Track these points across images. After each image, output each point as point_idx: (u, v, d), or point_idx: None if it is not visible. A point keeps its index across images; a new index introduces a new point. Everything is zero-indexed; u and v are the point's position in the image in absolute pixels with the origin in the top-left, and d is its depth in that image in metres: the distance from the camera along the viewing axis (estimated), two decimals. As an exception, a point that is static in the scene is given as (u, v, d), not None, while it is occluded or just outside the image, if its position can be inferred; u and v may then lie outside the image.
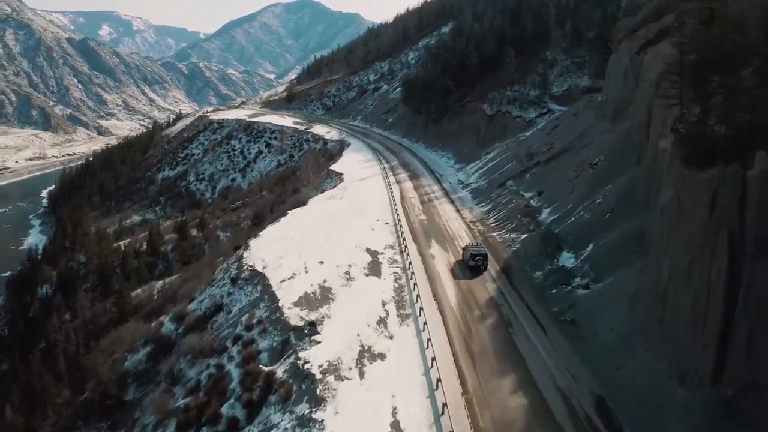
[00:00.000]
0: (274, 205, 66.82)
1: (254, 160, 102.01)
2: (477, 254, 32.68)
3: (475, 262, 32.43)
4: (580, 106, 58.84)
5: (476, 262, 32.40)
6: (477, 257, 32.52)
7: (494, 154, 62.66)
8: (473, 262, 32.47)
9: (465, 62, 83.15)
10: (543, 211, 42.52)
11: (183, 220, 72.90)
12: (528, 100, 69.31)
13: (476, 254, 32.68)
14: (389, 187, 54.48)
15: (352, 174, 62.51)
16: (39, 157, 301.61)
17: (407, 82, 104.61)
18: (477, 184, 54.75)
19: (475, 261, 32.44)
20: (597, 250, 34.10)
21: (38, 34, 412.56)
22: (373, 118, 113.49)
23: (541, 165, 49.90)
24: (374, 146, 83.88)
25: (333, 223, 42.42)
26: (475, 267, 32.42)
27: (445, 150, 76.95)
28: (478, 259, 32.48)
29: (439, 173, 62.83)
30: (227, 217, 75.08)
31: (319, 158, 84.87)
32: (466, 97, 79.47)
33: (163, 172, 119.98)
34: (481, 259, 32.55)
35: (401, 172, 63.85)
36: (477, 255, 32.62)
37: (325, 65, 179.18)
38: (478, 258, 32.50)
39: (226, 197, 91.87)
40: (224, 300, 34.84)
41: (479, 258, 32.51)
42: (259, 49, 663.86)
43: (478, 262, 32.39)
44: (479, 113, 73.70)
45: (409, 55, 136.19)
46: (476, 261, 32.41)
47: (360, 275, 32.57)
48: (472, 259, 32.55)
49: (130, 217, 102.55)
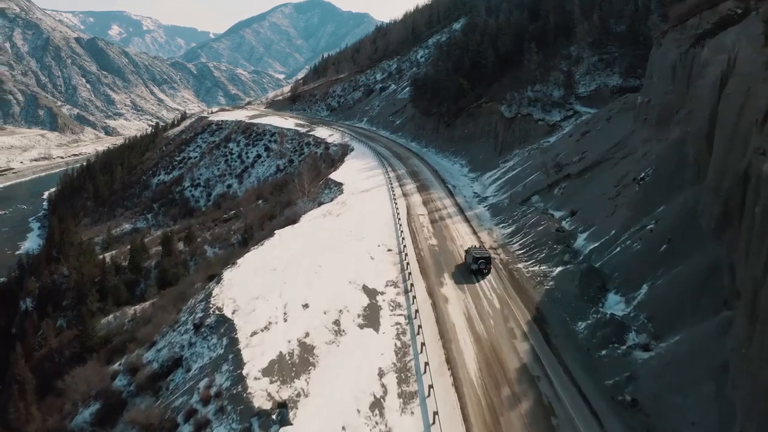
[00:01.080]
0: (267, 218, 60.10)
1: (252, 165, 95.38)
2: (480, 257, 31.35)
3: (477, 265, 31.24)
4: (613, 109, 51.36)
5: (479, 265, 31.25)
6: (480, 260, 31.28)
7: (514, 163, 55.37)
8: (476, 265, 31.23)
9: (480, 60, 75.80)
10: (579, 237, 35.22)
11: (168, 233, 66.35)
12: (551, 101, 61.84)
13: (479, 257, 31.35)
14: (394, 202, 47.42)
15: (354, 184, 55.56)
16: (44, 158, 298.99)
17: (416, 82, 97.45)
18: (496, 199, 47.45)
19: (477, 264, 31.25)
20: (653, 293, 26.88)
21: (47, 34, 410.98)
22: (380, 120, 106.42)
23: (573, 178, 42.53)
24: (380, 151, 76.86)
25: (326, 248, 35.47)
26: (477, 270, 31.22)
27: (457, 156, 69.71)
28: (481, 262, 31.27)
29: (452, 184, 55.61)
30: (218, 230, 68.47)
31: (319, 164, 78.07)
32: (482, 98, 72.15)
33: (158, 176, 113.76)
34: (484, 263, 31.30)
35: (409, 182, 56.74)
36: (480, 258, 31.33)
37: (332, 64, 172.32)
38: (481, 261, 31.28)
39: (220, 205, 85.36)
40: (184, 352, 28.00)
41: (482, 261, 31.29)
42: (269, 49, 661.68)
43: (481, 266, 31.25)
44: (496, 116, 66.38)
45: (419, 53, 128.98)
46: (479, 264, 31.26)
47: (352, 326, 25.54)
48: (475, 262, 31.27)
49: (121, 225, 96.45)
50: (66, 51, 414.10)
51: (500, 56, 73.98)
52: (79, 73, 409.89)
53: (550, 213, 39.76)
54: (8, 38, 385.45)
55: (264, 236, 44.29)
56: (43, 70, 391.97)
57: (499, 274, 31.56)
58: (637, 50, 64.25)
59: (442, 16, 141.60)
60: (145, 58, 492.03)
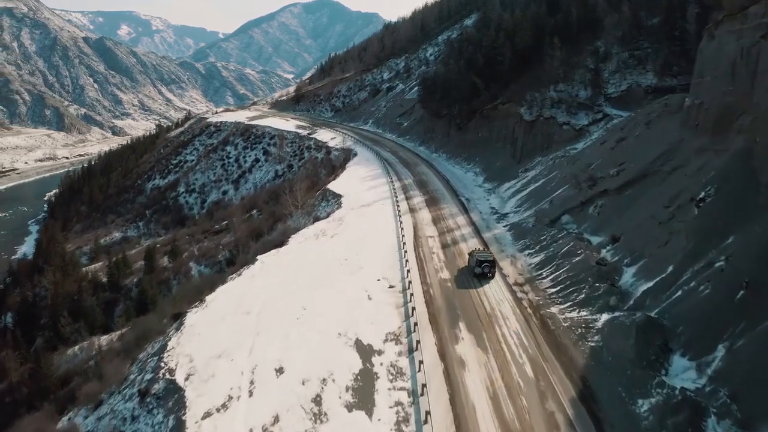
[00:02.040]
0: (255, 235, 53.99)
1: (249, 170, 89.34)
2: (484, 261, 30.60)
3: (481, 269, 30.45)
4: (653, 112, 44.49)
5: (483, 269, 30.44)
6: (484, 264, 30.50)
7: (536, 173, 48.72)
8: (479, 269, 30.46)
9: (495, 57, 69.07)
10: (625, 272, 28.56)
11: (152, 247, 60.42)
12: (577, 102, 55.08)
13: (483, 261, 30.60)
14: (399, 219, 41.01)
15: (354, 196, 49.21)
16: (49, 158, 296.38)
17: (425, 81, 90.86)
18: (518, 217, 40.83)
19: (481, 268, 30.45)
20: (733, 358, 20.40)
21: (54, 34, 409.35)
22: (386, 122, 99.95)
23: (611, 195, 35.84)
24: (385, 156, 70.45)
25: (314, 283, 29.17)
26: (481, 274, 30.45)
27: (471, 163, 63.13)
28: (485, 266, 30.50)
29: (465, 197, 49.05)
30: (206, 243, 62.48)
31: (319, 170, 71.86)
32: (497, 99, 65.49)
33: (153, 180, 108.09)
34: (488, 266, 30.53)
35: (416, 194, 50.30)
36: (484, 262, 30.56)
37: (338, 63, 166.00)
38: (485, 265, 30.50)
39: (213, 214, 79.44)
40: (125, 428, 21.82)
41: (486, 265, 30.51)
42: (278, 49, 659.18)
43: (485, 269, 30.48)
44: (514, 118, 59.74)
45: (428, 51, 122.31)
46: (483, 268, 30.45)
47: (337, 407, 19.17)
48: (479, 265, 30.52)
49: (111, 233, 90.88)
50: (74, 51, 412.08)
51: (518, 53, 67.23)
52: (86, 72, 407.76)
53: (586, 238, 33.13)
54: (16, 38, 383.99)
55: (245, 261, 38.15)
56: (50, 70, 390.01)
57: (529, 322, 25.02)
58: (672, 45, 57.54)
59: (453, 11, 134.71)
60: (153, 58, 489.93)
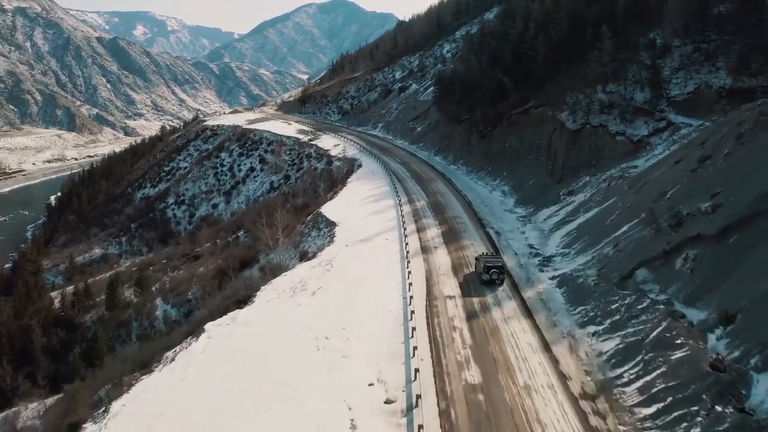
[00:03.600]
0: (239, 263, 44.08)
1: (243, 181, 79.69)
2: (492, 266, 28.01)
3: (489, 276, 27.86)
4: (744, 122, 33.30)
5: (491, 276, 27.84)
6: (492, 270, 27.90)
7: (585, 197, 37.94)
8: (487, 275, 27.87)
9: (526, 52, 58.32)
10: (755, 383, 17.69)
11: (114, 278, 50.79)
12: (633, 107, 44.12)
13: (491, 266, 28.01)
14: (407, 265, 30.56)
15: (351, 225, 38.94)
16: (57, 159, 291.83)
17: (441, 81, 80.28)
18: (569, 264, 30.01)
19: (489, 275, 27.85)
20: None
21: (67, 33, 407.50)
22: (398, 127, 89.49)
23: (708, 242, 24.91)
24: (394, 169, 60.11)
25: (270, 391, 18.96)
26: (489, 281, 27.89)
27: (497, 179, 52.47)
28: (493, 272, 27.87)
29: (494, 227, 38.40)
30: (181, 273, 52.76)
31: (317, 184, 61.81)
32: (529, 101, 54.76)
33: (144, 189, 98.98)
34: (497, 272, 27.92)
35: (431, 222, 39.82)
36: (492, 267, 27.96)
37: (348, 62, 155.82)
38: (493, 271, 27.89)
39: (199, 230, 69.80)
40: None
41: (494, 271, 27.91)
42: (293, 50, 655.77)
43: (493, 276, 27.86)
44: (551, 125, 48.97)
45: (444, 48, 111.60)
46: (491, 275, 27.84)
47: None
48: (486, 272, 27.91)
49: (92, 249, 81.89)
50: (87, 50, 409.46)
51: (553, 46, 56.36)
52: (99, 72, 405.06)
53: (679, 311, 22.37)
54: (29, 37, 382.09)
55: (200, 321, 28.15)
56: (63, 70, 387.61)
57: None
58: (749, 37, 46.41)
59: (471, 5, 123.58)
60: (167, 58, 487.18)
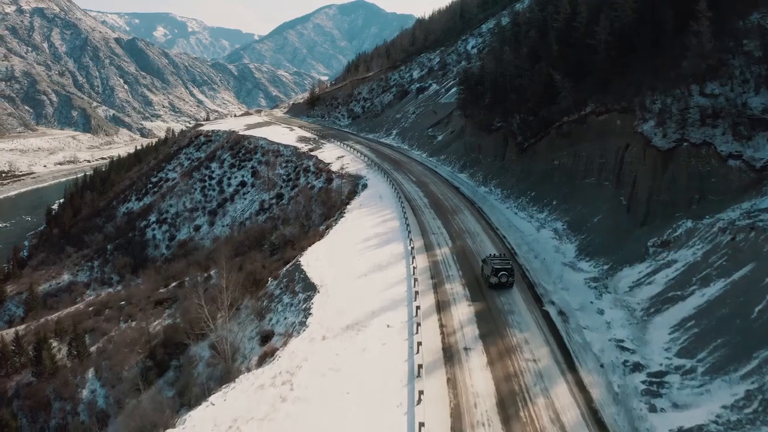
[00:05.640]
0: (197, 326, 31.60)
1: (231, 198, 67.54)
2: (501, 269, 25.94)
3: (498, 278, 25.90)
4: None
5: (499, 278, 25.89)
6: (501, 272, 25.85)
7: (696, 256, 24.25)
8: (496, 278, 25.91)
9: (581, 40, 44.60)
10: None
11: (42, 337, 38.74)
12: (749, 117, 30.31)
13: (500, 268, 25.94)
14: (418, 397, 17.47)
15: (339, 293, 26.02)
16: (69, 161, 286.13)
17: (467, 80, 66.78)
18: (705, 403, 16.51)
19: (498, 278, 25.90)
20: None
21: (85, 34, 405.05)
22: (414, 134, 76.32)
23: None
24: (406, 192, 47.05)
25: None
26: (498, 284, 25.95)
27: (543, 209, 38.90)
28: (503, 274, 25.86)
29: (554, 301, 25.01)
30: (132, 327, 40.44)
31: (312, 208, 49.06)
32: (586, 105, 41.15)
33: (128, 202, 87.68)
34: (506, 275, 25.90)
35: (458, 293, 26.54)
36: (501, 270, 25.90)
37: (363, 62, 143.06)
38: (503, 273, 25.86)
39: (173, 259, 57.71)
40: None
41: (503, 273, 25.88)
42: (312, 51, 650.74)
43: (502, 279, 25.90)
44: (622, 139, 35.30)
45: (469, 43, 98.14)
46: (500, 277, 25.89)
47: None
48: (495, 274, 25.90)
49: (60, 274, 70.61)
50: (104, 51, 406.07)
51: (616, 32, 42.58)
52: (117, 73, 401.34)
53: None
54: (46, 38, 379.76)
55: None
56: (80, 71, 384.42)
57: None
58: None
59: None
60: (185, 59, 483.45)
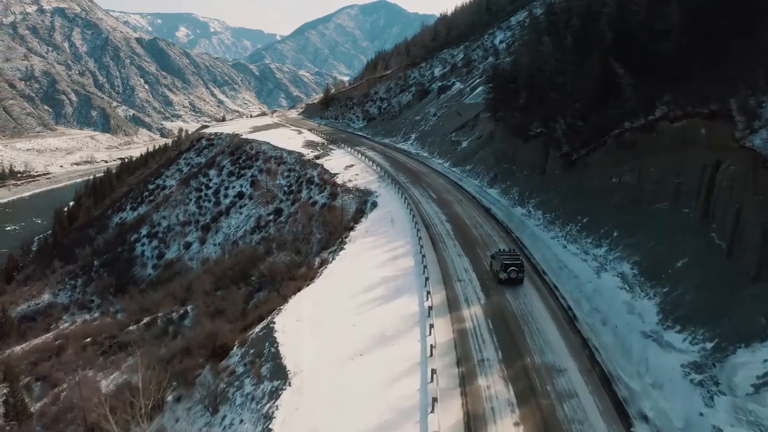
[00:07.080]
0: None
1: (227, 211, 59.76)
2: (511, 264, 24.99)
3: (507, 274, 24.92)
4: None
5: (509, 274, 24.91)
6: (511, 268, 24.86)
7: None
8: (505, 274, 24.93)
9: (642, 27, 35.36)
10: None
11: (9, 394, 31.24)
12: None
13: (510, 264, 25.00)
14: None
15: (317, 388, 17.69)
16: (86, 161, 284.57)
17: (498, 77, 57.69)
18: None
19: (508, 273, 24.92)
20: None
21: (106, 34, 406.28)
22: (435, 140, 67.56)
23: None
24: (425, 214, 38.45)
25: None
26: (507, 280, 25.01)
27: (602, 242, 29.83)
28: (512, 270, 24.91)
29: (642, 407, 16.42)
30: (89, 377, 32.78)
31: (312, 230, 40.80)
32: (655, 107, 31.98)
33: (122, 212, 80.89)
34: (516, 270, 24.98)
35: (494, 384, 18.12)
36: (511, 266, 24.93)
37: (382, 60, 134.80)
38: (512, 269, 24.91)
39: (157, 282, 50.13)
40: None
41: (513, 269, 24.94)
42: (334, 51, 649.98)
43: (512, 274, 24.92)
44: (711, 153, 26.14)
45: (497, 37, 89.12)
46: (509, 273, 24.92)
47: None
48: (504, 270, 24.91)
49: (41, 293, 63.83)
50: (125, 51, 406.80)
51: (691, 16, 33.22)
52: (137, 73, 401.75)
53: None
54: (67, 38, 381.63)
55: None
56: (101, 70, 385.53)
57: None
58: None
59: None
60: (206, 59, 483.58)
